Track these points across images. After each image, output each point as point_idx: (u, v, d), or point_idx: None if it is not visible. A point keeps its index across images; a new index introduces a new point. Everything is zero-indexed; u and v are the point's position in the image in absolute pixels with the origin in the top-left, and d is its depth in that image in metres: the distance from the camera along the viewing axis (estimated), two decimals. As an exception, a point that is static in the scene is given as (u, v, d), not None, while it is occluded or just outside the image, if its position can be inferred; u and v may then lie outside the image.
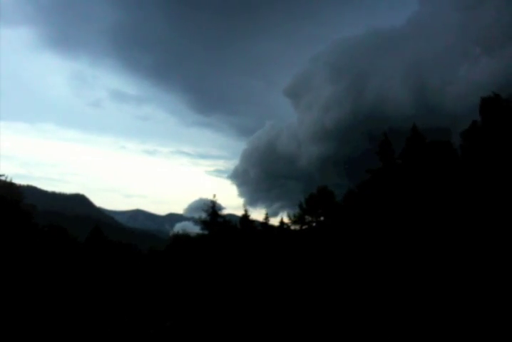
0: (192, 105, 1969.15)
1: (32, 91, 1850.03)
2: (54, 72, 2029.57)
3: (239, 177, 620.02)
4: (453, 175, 30.32)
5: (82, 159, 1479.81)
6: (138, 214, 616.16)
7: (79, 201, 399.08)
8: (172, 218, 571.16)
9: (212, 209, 42.76)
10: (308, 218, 47.59)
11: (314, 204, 46.99)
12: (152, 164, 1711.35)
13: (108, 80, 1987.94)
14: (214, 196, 43.97)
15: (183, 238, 55.91)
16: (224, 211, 45.40)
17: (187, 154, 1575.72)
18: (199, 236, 46.83)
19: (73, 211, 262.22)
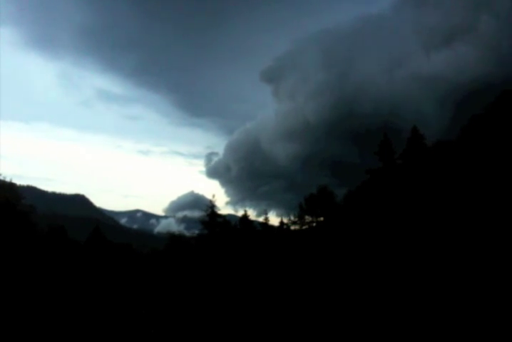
0: (181, 104, 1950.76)
1: (22, 90, 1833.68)
2: (40, 71, 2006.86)
3: (220, 173, 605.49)
4: (454, 175, 30.18)
5: (78, 159, 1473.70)
6: (138, 214, 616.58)
7: (79, 201, 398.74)
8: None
9: (212, 209, 42.59)
10: (308, 218, 47.45)
11: (313, 204, 46.83)
12: (148, 164, 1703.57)
13: (93, 80, 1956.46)
14: (214, 196, 43.89)
15: (180, 239, 55.86)
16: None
17: (181, 154, 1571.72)
18: (198, 237, 46.68)
19: (74, 212, 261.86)
